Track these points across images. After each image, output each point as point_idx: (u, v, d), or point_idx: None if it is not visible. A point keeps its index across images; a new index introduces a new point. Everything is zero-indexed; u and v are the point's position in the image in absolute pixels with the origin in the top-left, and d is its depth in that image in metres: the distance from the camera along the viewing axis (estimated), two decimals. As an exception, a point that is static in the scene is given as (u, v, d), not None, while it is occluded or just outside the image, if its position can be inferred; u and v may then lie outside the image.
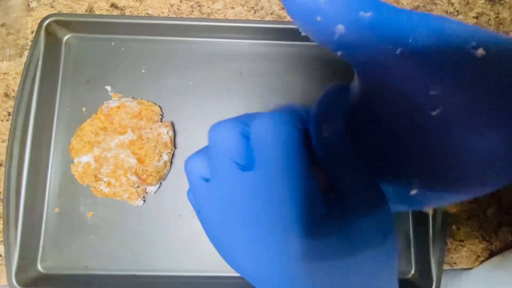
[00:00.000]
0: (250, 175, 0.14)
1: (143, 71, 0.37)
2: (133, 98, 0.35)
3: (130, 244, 0.34)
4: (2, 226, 0.34)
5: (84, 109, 0.36)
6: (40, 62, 0.34)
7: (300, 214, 0.13)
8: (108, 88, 0.36)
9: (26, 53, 0.37)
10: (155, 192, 0.35)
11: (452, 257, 0.36)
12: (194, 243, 0.34)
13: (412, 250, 0.35)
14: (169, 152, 0.34)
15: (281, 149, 0.13)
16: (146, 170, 0.32)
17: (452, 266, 0.36)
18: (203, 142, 0.15)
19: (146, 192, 0.34)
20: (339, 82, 0.15)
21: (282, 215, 0.13)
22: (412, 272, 0.35)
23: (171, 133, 0.34)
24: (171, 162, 0.35)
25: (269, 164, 0.14)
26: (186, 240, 0.34)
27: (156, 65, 0.37)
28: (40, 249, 0.34)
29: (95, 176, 0.32)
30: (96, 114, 0.34)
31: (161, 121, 0.35)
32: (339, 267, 0.13)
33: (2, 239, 0.34)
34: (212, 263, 0.34)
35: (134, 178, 0.32)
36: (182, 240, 0.34)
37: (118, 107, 0.33)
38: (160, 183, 0.35)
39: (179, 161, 0.35)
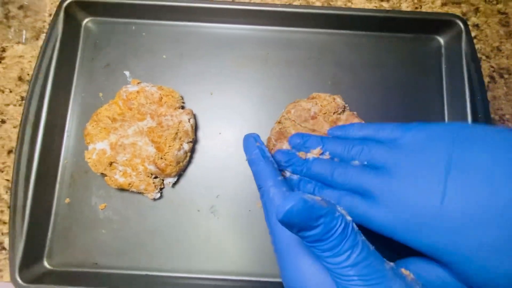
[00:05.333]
0: None
1: (164, 56, 0.35)
2: (152, 84, 0.33)
3: (144, 240, 0.31)
4: (7, 217, 0.32)
5: (100, 94, 0.34)
6: (57, 45, 0.32)
7: None
8: (127, 73, 0.34)
9: (43, 36, 0.35)
10: (172, 185, 0.32)
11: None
12: (212, 242, 0.31)
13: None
14: (190, 142, 0.31)
15: None
16: (165, 160, 0.29)
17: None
18: (224, 134, 0.13)
19: (163, 185, 0.32)
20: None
21: None
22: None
23: (192, 121, 0.31)
24: (191, 155, 0.32)
25: None
26: (204, 238, 0.31)
27: (178, 51, 0.35)
28: (47, 243, 0.31)
29: (110, 165, 0.30)
30: (113, 99, 0.32)
31: (182, 109, 0.32)
32: None
33: (7, 231, 0.32)
34: (231, 264, 0.31)
35: (152, 167, 0.29)
36: (200, 238, 0.31)
37: (138, 92, 0.31)
38: (179, 176, 0.32)
39: (199, 154, 0.33)
